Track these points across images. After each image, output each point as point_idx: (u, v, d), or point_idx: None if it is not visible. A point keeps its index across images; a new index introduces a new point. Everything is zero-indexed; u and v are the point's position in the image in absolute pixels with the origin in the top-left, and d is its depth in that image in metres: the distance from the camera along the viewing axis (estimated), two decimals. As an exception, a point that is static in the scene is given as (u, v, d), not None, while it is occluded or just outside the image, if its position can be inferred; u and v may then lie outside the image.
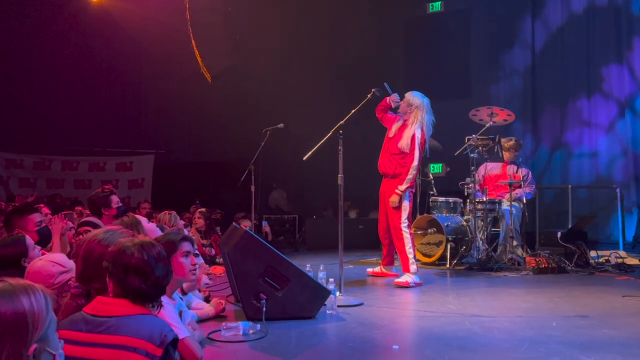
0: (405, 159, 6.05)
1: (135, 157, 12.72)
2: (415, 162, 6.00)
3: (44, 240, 4.15)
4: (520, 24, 10.58)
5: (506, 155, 7.72)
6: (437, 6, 11.29)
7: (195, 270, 3.25)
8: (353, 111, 5.39)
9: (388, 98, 6.12)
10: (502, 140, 7.70)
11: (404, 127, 6.14)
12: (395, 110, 6.24)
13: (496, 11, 10.78)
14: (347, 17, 11.36)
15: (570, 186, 8.89)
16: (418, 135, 6.01)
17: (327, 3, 11.26)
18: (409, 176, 6.00)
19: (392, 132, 6.23)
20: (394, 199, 6.02)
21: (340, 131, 5.15)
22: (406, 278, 5.86)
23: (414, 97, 6.11)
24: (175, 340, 1.97)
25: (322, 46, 11.37)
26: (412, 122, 6.06)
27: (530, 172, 7.95)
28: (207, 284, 5.45)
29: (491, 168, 7.82)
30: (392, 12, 11.67)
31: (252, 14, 11.44)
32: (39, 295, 1.44)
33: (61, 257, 3.10)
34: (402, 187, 6.00)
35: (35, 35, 11.34)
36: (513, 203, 7.40)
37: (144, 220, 4.16)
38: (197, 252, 3.67)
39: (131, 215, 3.97)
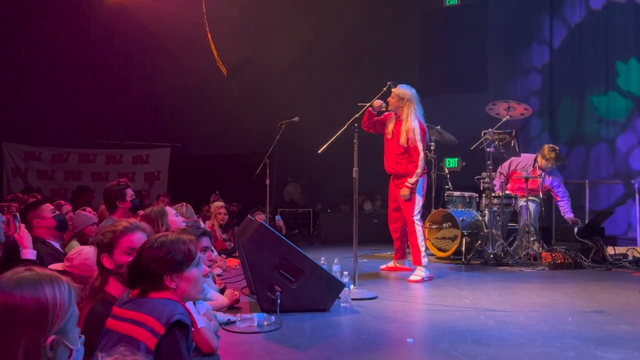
0: (413, 155, 5.98)
1: (151, 150, 12.81)
2: (422, 154, 5.95)
3: (62, 225, 4.24)
4: (538, 18, 10.46)
5: (543, 163, 7.55)
6: (453, -1, 11.20)
7: (211, 265, 3.29)
8: (368, 105, 5.38)
9: (370, 109, 5.84)
10: (546, 148, 7.57)
11: (399, 123, 6.04)
12: (380, 113, 6.09)
13: (514, 4, 10.67)
14: (363, 10, 11.31)
15: (587, 181, 8.80)
16: (417, 126, 5.95)
17: (343, -4, 11.23)
18: (418, 170, 5.97)
19: (389, 133, 6.14)
20: (405, 192, 6.00)
21: (356, 124, 5.14)
22: (419, 273, 5.85)
23: (403, 90, 5.99)
24: (180, 323, 2.04)
25: (337, 39, 11.33)
26: (407, 115, 5.97)
27: (561, 182, 7.81)
28: (219, 275, 5.49)
29: (521, 168, 7.71)
30: (408, 5, 11.60)
31: (267, 7, 11.44)
32: (63, 287, 1.43)
33: None
34: (412, 180, 5.98)
35: (52, 29, 11.43)
36: (531, 198, 7.35)
37: (172, 212, 4.15)
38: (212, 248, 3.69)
39: (160, 206, 4.03)
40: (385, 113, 6.09)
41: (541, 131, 10.20)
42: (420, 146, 5.94)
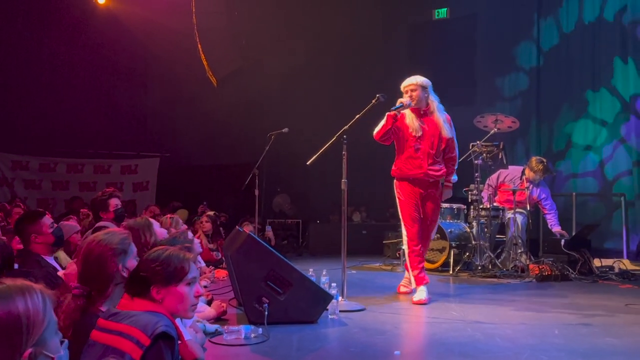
0: (453, 150, 5.53)
1: (140, 160, 12.76)
2: (457, 149, 5.57)
3: (60, 240, 4.13)
4: (525, 32, 10.60)
5: (531, 175, 7.55)
6: (442, 12, 11.31)
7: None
8: (357, 116, 5.37)
9: (395, 112, 5.26)
10: (534, 160, 7.57)
11: (430, 117, 5.41)
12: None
13: (501, 18, 10.80)
14: (353, 22, 11.38)
15: (574, 194, 8.88)
16: (447, 115, 5.49)
17: (333, 8, 11.30)
18: (456, 166, 5.61)
19: (417, 130, 5.36)
20: (450, 193, 5.62)
21: (345, 136, 5.14)
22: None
23: (423, 78, 5.48)
24: (165, 334, 2.03)
25: (327, 51, 11.40)
26: (435, 105, 5.42)
27: (548, 194, 7.80)
28: (206, 286, 5.46)
29: (509, 180, 7.73)
30: (398, 18, 11.70)
31: (258, 19, 11.48)
32: (36, 297, 1.38)
33: None
34: (455, 177, 5.60)
35: (42, 38, 11.40)
36: (518, 210, 7.39)
37: (156, 224, 4.10)
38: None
39: (144, 217, 3.97)
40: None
41: (527, 140, 10.34)
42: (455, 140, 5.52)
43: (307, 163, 5.18)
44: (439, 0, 11.49)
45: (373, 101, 5.23)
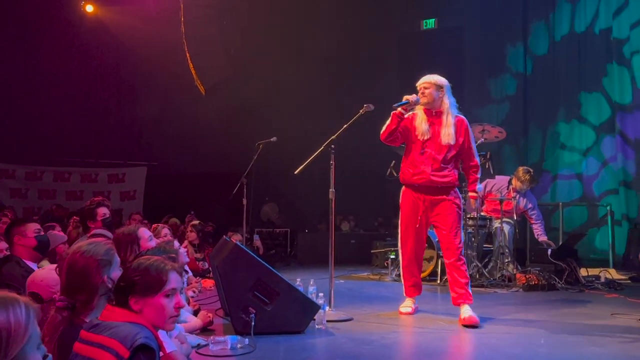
0: (472, 158, 5.05)
1: (127, 168, 12.71)
2: (478, 156, 5.09)
3: (43, 247, 4.16)
4: (513, 39, 10.71)
5: (518, 185, 7.59)
6: (430, 23, 11.41)
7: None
8: (345, 126, 5.38)
9: (400, 110, 4.92)
10: (521, 170, 7.63)
11: (439, 120, 4.98)
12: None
13: (489, 28, 10.90)
14: (342, 33, 11.44)
15: (560, 203, 8.94)
16: (464, 118, 5.02)
17: (322, 19, 11.35)
18: (480, 175, 5.11)
19: (424, 134, 4.94)
20: (475, 204, 5.22)
21: (332, 146, 5.15)
22: (472, 311, 4.78)
23: (439, 78, 5.03)
24: (145, 346, 2.02)
25: (316, 61, 11.44)
26: (449, 106, 4.98)
27: (535, 204, 7.82)
28: (192, 296, 5.42)
29: (496, 190, 7.76)
30: (386, 29, 11.78)
31: (246, 28, 11.51)
32: (19, 309, 1.36)
33: None
34: (480, 186, 5.24)
35: (30, 46, 11.34)
36: (505, 220, 7.42)
37: (145, 237, 4.04)
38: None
39: (131, 226, 3.97)
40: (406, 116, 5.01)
41: (514, 150, 10.43)
42: (474, 145, 5.12)
43: (295, 172, 5.18)
44: (426, 11, 11.59)
45: (361, 111, 5.21)
